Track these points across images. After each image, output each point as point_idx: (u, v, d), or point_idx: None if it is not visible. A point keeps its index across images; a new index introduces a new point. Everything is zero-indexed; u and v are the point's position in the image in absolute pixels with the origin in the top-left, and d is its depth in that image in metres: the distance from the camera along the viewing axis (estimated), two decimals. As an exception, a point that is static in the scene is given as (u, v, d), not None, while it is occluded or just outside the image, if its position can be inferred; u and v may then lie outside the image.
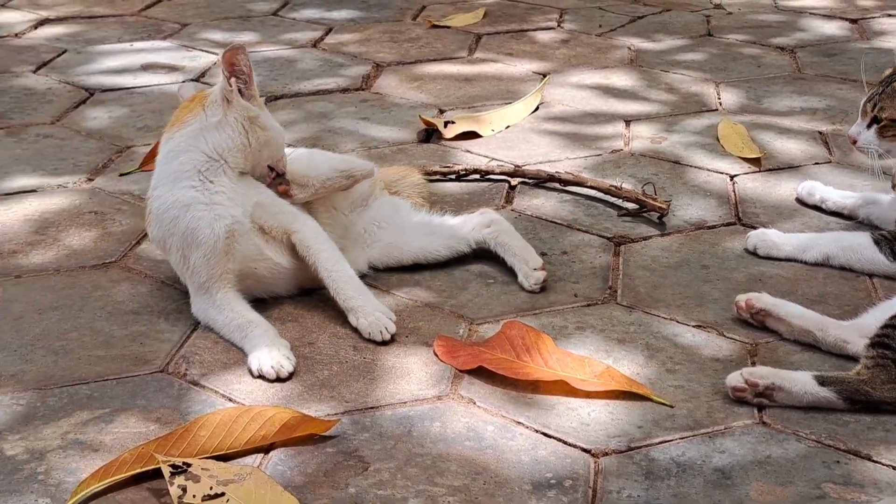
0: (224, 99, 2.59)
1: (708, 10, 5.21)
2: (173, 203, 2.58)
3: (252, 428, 2.21)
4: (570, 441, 2.24)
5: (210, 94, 2.63)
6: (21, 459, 2.17)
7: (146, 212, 2.67)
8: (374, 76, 4.29)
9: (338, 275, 2.62)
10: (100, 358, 2.50)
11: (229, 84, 2.58)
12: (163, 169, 2.63)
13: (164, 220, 2.59)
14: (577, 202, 3.24)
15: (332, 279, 2.62)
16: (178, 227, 2.57)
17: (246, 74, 2.60)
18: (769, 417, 2.31)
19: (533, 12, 5.15)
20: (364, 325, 2.57)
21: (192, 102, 2.66)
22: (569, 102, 4.01)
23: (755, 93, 4.11)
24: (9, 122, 3.82)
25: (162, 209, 2.60)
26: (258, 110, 2.63)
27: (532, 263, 2.79)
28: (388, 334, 2.55)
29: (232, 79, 2.58)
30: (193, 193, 2.57)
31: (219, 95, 2.60)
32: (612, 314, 2.69)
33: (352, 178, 2.79)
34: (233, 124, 2.60)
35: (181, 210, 2.57)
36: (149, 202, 2.65)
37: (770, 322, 2.59)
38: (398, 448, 2.21)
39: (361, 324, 2.57)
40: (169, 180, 2.60)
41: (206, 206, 2.56)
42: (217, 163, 2.59)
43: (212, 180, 2.58)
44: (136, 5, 5.24)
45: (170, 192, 2.59)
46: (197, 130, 2.60)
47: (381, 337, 2.55)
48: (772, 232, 2.97)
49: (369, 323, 2.56)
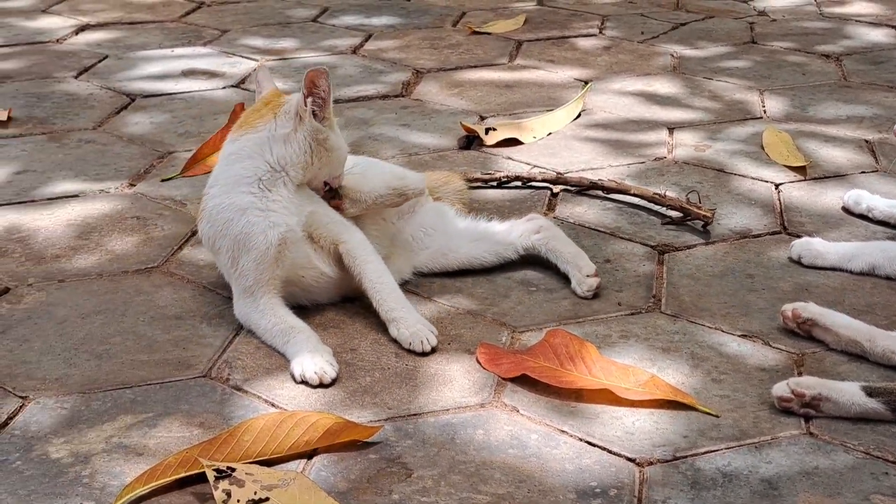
0: (297, 114, 2.62)
1: (752, 16, 5.21)
2: (229, 205, 2.61)
3: (295, 433, 2.23)
4: (614, 450, 2.25)
5: (284, 104, 2.65)
6: (66, 463, 2.20)
7: (199, 208, 2.70)
8: (414, 83, 4.32)
9: (382, 286, 2.64)
10: (143, 362, 2.53)
11: (304, 103, 2.61)
12: (223, 170, 2.66)
13: (217, 221, 2.62)
14: (621, 210, 3.25)
15: (376, 290, 2.64)
16: (231, 230, 2.60)
17: (322, 98, 2.61)
18: (816, 428, 2.31)
19: (574, 19, 5.17)
20: (405, 335, 2.58)
21: (265, 107, 2.68)
22: (611, 109, 4.02)
23: (800, 101, 4.11)
24: (51, 128, 3.86)
25: (216, 210, 2.63)
26: (328, 132, 2.65)
27: (585, 270, 2.81)
28: (429, 346, 2.56)
29: (309, 98, 2.61)
30: (251, 199, 2.60)
31: (292, 109, 2.63)
32: (657, 323, 2.69)
33: (403, 196, 2.81)
34: (300, 141, 2.62)
35: (236, 213, 2.60)
36: (203, 200, 2.68)
37: (817, 332, 2.59)
38: (441, 455, 2.23)
39: (402, 334, 2.59)
40: (228, 183, 2.63)
41: (261, 213, 2.59)
42: (278, 174, 2.62)
43: (270, 189, 2.61)
44: (177, 11, 5.29)
45: (226, 195, 2.62)
46: (264, 139, 2.63)
47: (422, 348, 2.56)
48: (816, 241, 2.97)
49: (410, 333, 2.58)
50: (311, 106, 2.61)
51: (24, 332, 2.65)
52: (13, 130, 3.85)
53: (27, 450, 2.23)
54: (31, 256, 3.00)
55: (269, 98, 2.70)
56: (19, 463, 2.20)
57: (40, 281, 2.88)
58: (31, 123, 3.90)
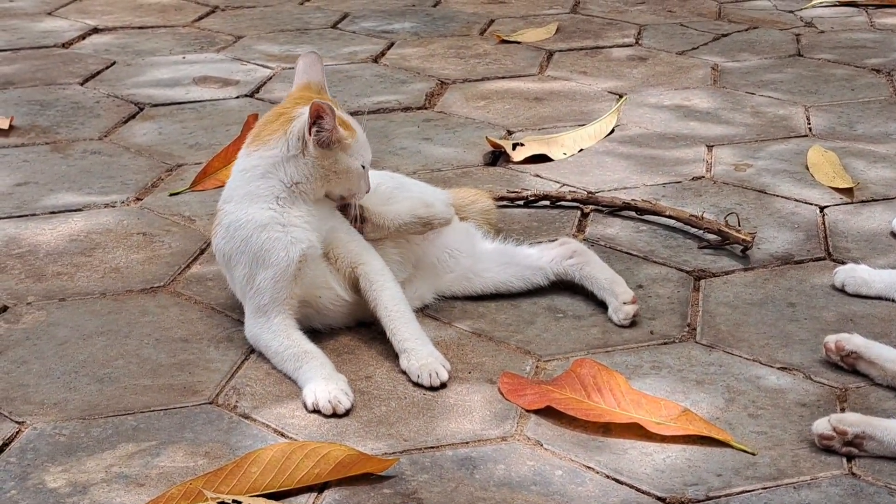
0: (301, 140, 2.63)
1: (797, 27, 5.20)
2: (247, 221, 2.63)
3: (305, 465, 2.24)
4: (643, 488, 2.24)
5: (294, 122, 2.64)
6: (63, 493, 2.21)
7: (214, 223, 2.71)
8: (437, 93, 4.33)
9: (397, 314, 2.65)
10: (146, 387, 2.54)
11: (309, 132, 2.61)
12: (238, 185, 2.68)
13: (234, 237, 2.64)
14: (655, 232, 3.25)
15: (391, 318, 2.65)
16: (249, 246, 2.62)
17: (327, 130, 2.61)
18: (859, 468, 2.30)
19: (609, 28, 5.17)
20: (414, 367, 2.58)
21: (277, 120, 2.68)
22: (646, 125, 4.03)
23: (847, 117, 4.10)
24: (55, 138, 3.89)
25: (234, 226, 2.64)
26: (336, 154, 2.63)
27: (622, 296, 2.81)
28: (438, 380, 2.56)
29: (313, 128, 2.61)
30: (271, 213, 2.62)
31: (296, 134, 2.63)
32: (691, 353, 2.69)
33: (429, 225, 2.81)
34: (308, 164, 2.63)
35: (255, 230, 2.61)
36: (219, 215, 2.70)
37: (861, 365, 2.58)
38: (459, 491, 2.23)
39: (412, 366, 2.59)
40: (245, 199, 2.65)
41: (282, 228, 2.61)
42: (294, 192, 2.64)
43: (290, 206, 2.63)
44: (190, 16, 5.32)
45: (244, 211, 2.64)
46: (277, 159, 2.64)
47: (430, 382, 2.56)
48: (861, 268, 2.96)
49: (420, 366, 2.57)
50: (315, 136, 2.61)
51: (22, 354, 2.66)
52: (15, 139, 3.87)
53: (23, 478, 2.25)
54: (32, 273, 3.02)
55: (281, 111, 2.71)
56: (14, 492, 2.21)
57: (40, 299, 2.89)
58: (33, 132, 3.93)
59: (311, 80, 2.78)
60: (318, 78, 2.79)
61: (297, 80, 2.81)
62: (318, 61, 2.82)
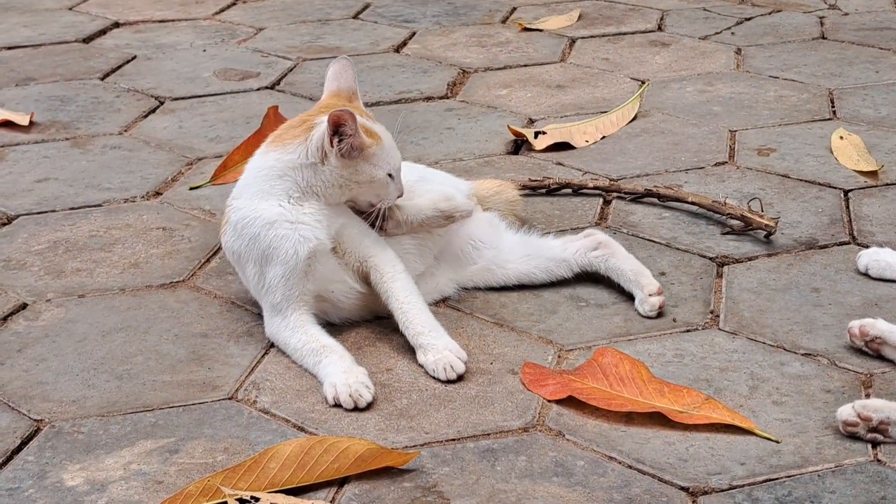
0: (321, 150, 2.61)
1: (822, 10, 5.16)
2: (256, 218, 2.61)
3: (325, 460, 2.23)
4: (666, 478, 2.23)
5: (314, 130, 2.61)
6: (81, 491, 2.20)
7: (223, 220, 2.70)
8: (459, 83, 4.31)
9: (409, 307, 2.63)
10: (165, 383, 2.53)
11: (330, 142, 2.59)
12: (250, 182, 2.66)
13: (243, 234, 2.63)
14: (677, 219, 3.23)
15: (403, 311, 2.63)
16: (257, 244, 2.60)
17: (348, 138, 2.58)
18: (885, 455, 2.27)
19: (631, 14, 5.14)
20: (430, 361, 2.57)
21: (300, 126, 2.65)
22: (669, 111, 4.00)
23: (873, 101, 4.06)
24: (75, 133, 3.89)
25: (242, 222, 2.63)
26: (357, 163, 2.61)
27: (647, 288, 2.78)
28: (454, 373, 2.54)
29: (334, 138, 2.59)
30: (279, 210, 2.60)
31: (316, 143, 2.60)
32: (714, 341, 2.67)
33: (451, 218, 2.79)
34: (328, 173, 2.61)
35: (264, 227, 2.60)
36: (227, 212, 2.69)
37: (886, 351, 2.56)
38: (481, 483, 2.21)
39: (427, 360, 2.57)
40: (255, 196, 2.63)
41: (291, 225, 2.59)
42: (308, 192, 2.62)
43: (301, 203, 2.61)
44: (210, 9, 5.31)
45: (253, 207, 2.62)
46: (295, 163, 2.61)
47: (446, 375, 2.54)
48: (885, 251, 2.93)
49: (435, 360, 2.56)
50: (338, 146, 2.59)
51: (41, 351, 2.66)
52: (35, 136, 3.87)
53: (41, 477, 2.24)
54: (51, 270, 3.01)
55: (312, 114, 2.68)
56: (32, 491, 2.21)
57: (59, 296, 2.89)
58: (54, 128, 3.93)
59: (342, 86, 2.75)
60: (350, 84, 2.75)
61: (328, 86, 2.77)
62: (348, 67, 2.78)
